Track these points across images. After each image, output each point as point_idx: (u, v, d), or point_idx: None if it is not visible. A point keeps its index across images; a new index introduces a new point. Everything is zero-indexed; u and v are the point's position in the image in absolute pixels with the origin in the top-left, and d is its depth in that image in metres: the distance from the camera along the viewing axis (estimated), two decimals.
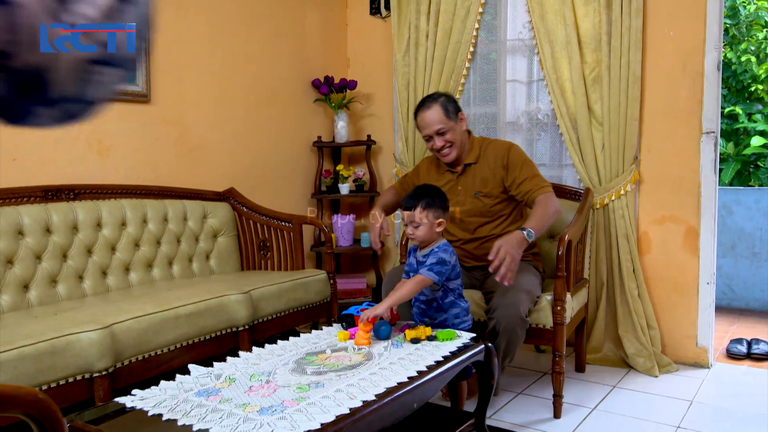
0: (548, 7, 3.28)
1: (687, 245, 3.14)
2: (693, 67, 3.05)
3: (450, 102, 2.67)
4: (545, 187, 2.58)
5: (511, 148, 2.69)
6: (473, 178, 2.70)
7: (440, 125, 2.62)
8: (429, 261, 2.17)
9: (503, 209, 2.69)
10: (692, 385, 2.91)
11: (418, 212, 2.18)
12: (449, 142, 2.64)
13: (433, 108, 2.63)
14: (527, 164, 2.64)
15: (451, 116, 2.64)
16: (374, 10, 4.06)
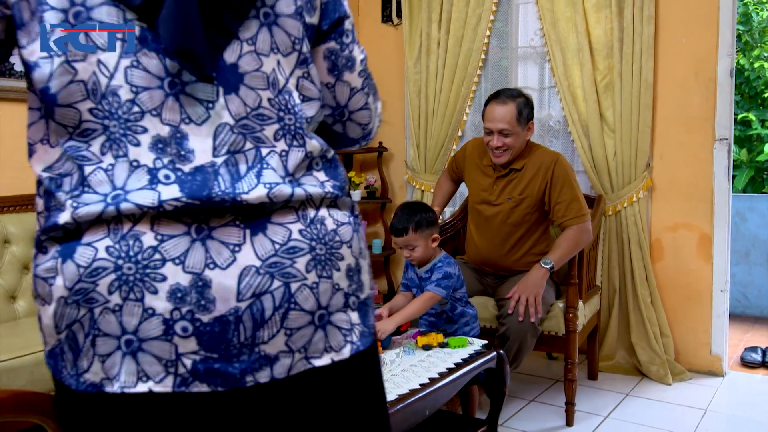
0: (560, 15, 3.29)
1: (700, 252, 3.12)
2: (706, 73, 3.04)
3: (527, 106, 2.56)
4: (581, 216, 2.52)
5: (557, 162, 2.57)
6: (513, 183, 2.62)
7: (506, 126, 2.50)
8: (435, 276, 2.17)
9: (530, 220, 2.62)
10: (706, 394, 2.89)
11: (411, 236, 2.17)
12: (507, 147, 2.54)
13: (508, 106, 2.52)
14: (568, 184, 2.54)
15: (522, 122, 2.53)
16: (386, 17, 4.08)
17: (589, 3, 3.19)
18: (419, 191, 3.85)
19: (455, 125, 3.68)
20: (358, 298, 0.86)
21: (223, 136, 0.77)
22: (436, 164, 3.76)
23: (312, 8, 0.87)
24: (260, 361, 0.76)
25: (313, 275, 0.79)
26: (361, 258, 0.87)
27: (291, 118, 0.82)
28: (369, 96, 0.99)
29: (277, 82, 0.82)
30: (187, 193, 0.73)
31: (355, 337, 0.84)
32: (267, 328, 0.76)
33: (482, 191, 2.69)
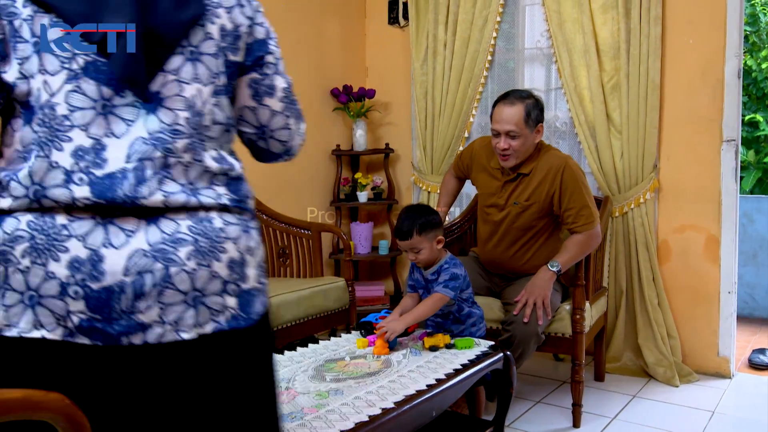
0: (566, 16, 3.29)
1: (708, 254, 3.11)
2: (713, 74, 3.04)
3: (536, 108, 2.50)
4: (590, 223, 2.49)
5: (565, 167, 2.52)
6: (520, 188, 2.58)
7: (514, 128, 2.45)
8: (442, 278, 2.17)
9: (537, 225, 2.60)
10: (714, 396, 2.88)
11: (416, 239, 2.18)
12: (514, 150, 2.48)
13: (516, 107, 2.46)
14: (578, 191, 2.50)
15: (530, 124, 2.47)
16: (392, 19, 4.09)
17: (596, 4, 3.19)
18: (426, 192, 3.86)
19: (462, 127, 3.69)
20: (239, 287, 1.00)
21: (137, 146, 0.94)
22: (442, 165, 3.76)
23: (236, 49, 1.06)
24: (135, 326, 0.92)
25: (193, 263, 0.94)
26: (249, 255, 1.02)
27: (198, 137, 0.99)
28: (289, 118, 1.14)
29: (194, 105, 0.99)
30: (96, 194, 0.90)
31: (223, 318, 0.97)
32: (144, 300, 0.91)
33: (490, 195, 2.68)
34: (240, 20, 1.07)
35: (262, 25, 1.11)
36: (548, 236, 2.66)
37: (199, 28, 1.00)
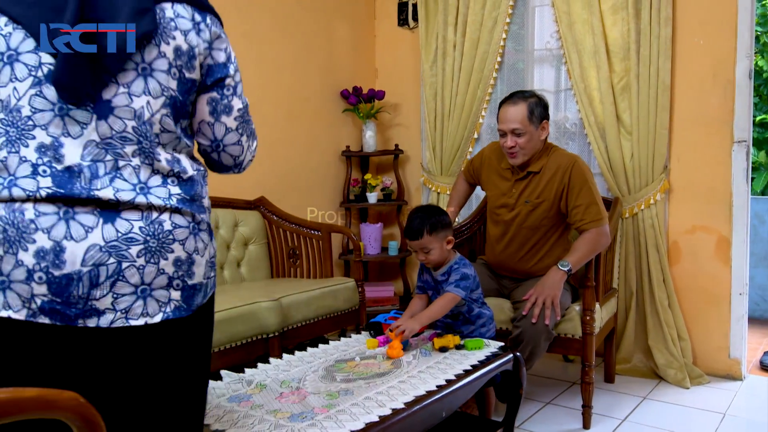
0: (576, 17, 3.29)
1: (718, 255, 3.10)
2: (724, 75, 3.03)
3: (539, 107, 2.55)
4: (599, 220, 2.51)
5: (574, 165, 2.56)
6: (530, 187, 2.62)
7: (518, 125, 2.51)
8: (453, 278, 2.18)
9: (547, 224, 2.62)
10: (725, 398, 2.87)
11: (426, 239, 2.18)
12: (520, 147, 2.54)
13: (519, 106, 2.53)
14: (586, 188, 2.53)
15: (534, 121, 2.52)
16: (402, 21, 4.10)
17: (606, 5, 3.19)
18: (435, 193, 3.87)
19: (471, 128, 3.69)
20: (185, 282, 1.14)
21: (90, 148, 1.08)
22: (452, 166, 3.77)
23: (192, 67, 1.17)
24: (90, 311, 1.06)
25: (142, 260, 1.08)
26: (196, 254, 1.16)
27: (147, 143, 1.12)
28: (242, 136, 1.28)
29: (142, 116, 1.11)
30: (56, 185, 1.04)
31: (169, 309, 1.13)
32: (99, 289, 1.06)
33: (501, 195, 2.70)
34: (196, 42, 1.18)
35: (223, 50, 1.23)
36: (558, 237, 2.67)
37: (153, 47, 1.12)
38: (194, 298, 1.17)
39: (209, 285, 1.21)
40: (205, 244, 1.19)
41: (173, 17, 1.15)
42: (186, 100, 1.19)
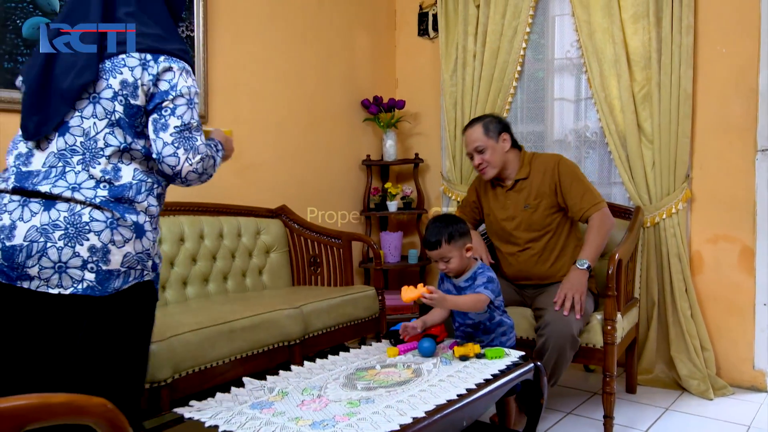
0: (596, 26, 3.28)
1: (742, 265, 3.07)
2: (747, 83, 3.00)
3: (494, 122, 2.76)
4: (597, 204, 2.63)
5: (560, 162, 2.74)
6: (524, 192, 2.75)
7: (479, 143, 2.73)
8: (479, 281, 2.18)
9: (552, 223, 2.71)
10: (749, 410, 2.84)
11: (445, 248, 2.19)
12: (486, 162, 2.73)
13: (475, 127, 2.76)
14: (577, 179, 2.68)
15: (491, 135, 2.73)
16: (422, 31, 4.13)
17: (627, 14, 3.18)
18: (455, 202, 3.87)
19: None
20: (99, 267, 1.44)
21: (49, 158, 1.48)
22: (471, 175, 3.77)
23: (135, 95, 1.50)
24: (24, 276, 1.42)
25: (61, 243, 1.41)
26: (112, 245, 1.45)
27: (89, 155, 1.47)
28: (179, 149, 1.51)
29: (89, 133, 1.48)
30: (17, 181, 1.46)
31: (81, 286, 1.43)
32: (31, 260, 1.40)
33: (501, 209, 2.81)
34: (140, 75, 1.50)
35: (168, 81, 1.52)
36: (568, 234, 2.75)
37: (102, 81, 1.49)
38: (109, 282, 1.46)
39: (131, 274, 1.49)
40: (125, 239, 1.46)
41: (124, 58, 1.50)
42: (133, 121, 1.51)
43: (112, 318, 1.49)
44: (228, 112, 3.25)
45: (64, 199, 1.43)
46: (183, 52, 1.57)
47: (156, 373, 2.11)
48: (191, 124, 1.54)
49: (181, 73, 1.54)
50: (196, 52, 3.05)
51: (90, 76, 1.47)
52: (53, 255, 1.40)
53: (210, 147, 1.62)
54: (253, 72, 3.37)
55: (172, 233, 2.86)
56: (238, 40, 3.29)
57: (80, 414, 0.96)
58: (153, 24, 1.55)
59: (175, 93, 1.52)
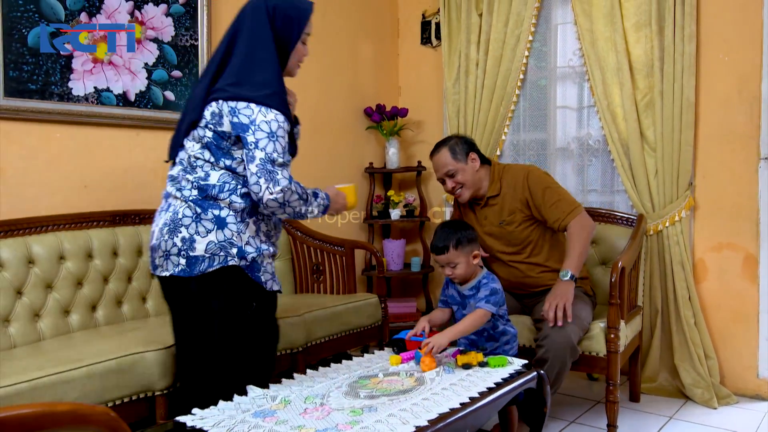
0: (599, 35, 3.29)
1: (746, 273, 3.06)
2: (750, 91, 3.01)
3: (460, 144, 2.71)
4: (573, 211, 2.59)
5: (528, 175, 2.69)
6: (497, 208, 2.73)
7: (448, 167, 2.69)
8: (482, 293, 2.18)
9: (531, 235, 2.69)
10: (753, 419, 2.82)
11: (452, 253, 2.19)
12: (459, 184, 2.70)
13: (441, 151, 2.71)
14: (548, 189, 2.64)
15: (459, 157, 2.68)
16: (425, 40, 4.15)
17: (629, 22, 3.19)
18: None
19: (494, 145, 3.70)
20: (188, 253, 1.84)
21: (174, 170, 1.95)
22: None
23: (220, 123, 1.86)
24: (156, 266, 1.92)
25: (166, 236, 1.87)
26: (197, 235, 1.84)
27: (190, 167, 1.91)
28: (260, 179, 1.82)
29: (189, 152, 1.91)
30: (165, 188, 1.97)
31: (177, 269, 1.86)
32: (155, 253, 1.91)
33: (479, 226, 2.76)
34: (223, 108, 1.85)
35: (248, 116, 1.83)
36: (550, 242, 2.72)
37: (202, 113, 1.89)
38: (195, 266, 1.84)
39: (215, 260, 1.84)
40: (207, 230, 1.84)
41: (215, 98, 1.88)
42: (220, 143, 1.87)
43: (204, 295, 1.88)
44: None
45: (174, 198, 1.90)
46: (266, 97, 1.84)
47: (156, 382, 2.12)
48: (273, 157, 1.81)
49: (260, 109, 1.82)
50: (200, 62, 3.06)
51: (195, 116, 1.89)
52: (164, 246, 1.86)
53: (299, 186, 1.91)
54: None
55: None
56: None
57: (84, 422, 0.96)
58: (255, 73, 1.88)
59: (255, 128, 1.81)
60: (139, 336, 2.28)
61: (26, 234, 2.42)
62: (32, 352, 2.15)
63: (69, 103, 2.60)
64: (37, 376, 1.88)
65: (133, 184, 2.86)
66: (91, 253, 2.57)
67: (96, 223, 2.64)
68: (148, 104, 2.88)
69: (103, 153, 2.75)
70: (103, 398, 1.99)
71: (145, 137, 2.89)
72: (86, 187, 2.70)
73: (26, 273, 2.37)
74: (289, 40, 1.98)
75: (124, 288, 2.66)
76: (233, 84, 1.85)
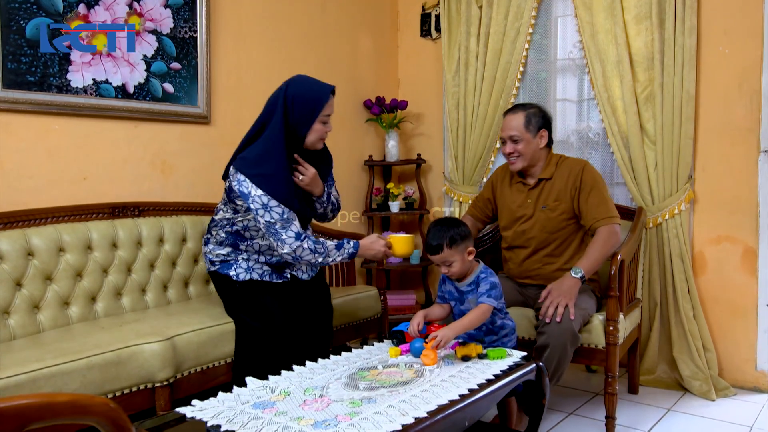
0: (599, 27, 3.28)
1: (745, 266, 3.06)
2: (750, 84, 3.00)
3: (537, 116, 2.69)
4: (610, 218, 2.57)
5: (585, 168, 2.68)
6: (545, 192, 2.71)
7: (516, 132, 2.67)
8: (482, 288, 2.18)
9: (567, 227, 2.68)
10: (751, 411, 2.83)
11: (447, 252, 2.19)
12: (518, 152, 2.68)
13: (517, 115, 2.70)
14: (597, 188, 2.63)
15: (531, 129, 2.66)
16: (425, 32, 4.13)
17: (629, 15, 3.18)
18: (457, 202, 3.87)
19: (493, 137, 3.70)
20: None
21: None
22: (474, 176, 3.78)
23: (232, 192, 2.34)
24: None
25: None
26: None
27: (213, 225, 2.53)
28: (270, 238, 2.32)
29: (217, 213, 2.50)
30: None
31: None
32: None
33: (518, 207, 2.76)
34: (231, 182, 2.34)
35: (245, 189, 2.27)
36: (579, 243, 2.71)
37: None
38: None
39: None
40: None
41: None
42: (237, 207, 2.38)
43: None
44: (231, 113, 3.25)
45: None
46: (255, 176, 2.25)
47: (157, 373, 2.12)
48: (273, 222, 2.26)
49: (250, 185, 2.26)
50: (199, 54, 3.05)
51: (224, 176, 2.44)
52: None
53: (311, 240, 2.31)
54: (256, 73, 3.37)
55: (174, 233, 2.86)
56: (240, 42, 3.29)
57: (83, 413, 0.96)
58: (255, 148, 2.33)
59: (251, 199, 2.25)
60: (138, 328, 2.28)
61: (25, 226, 2.42)
62: (32, 344, 2.15)
63: (67, 95, 2.60)
64: (37, 367, 1.88)
65: (132, 177, 2.86)
66: (90, 245, 2.57)
67: (95, 215, 2.64)
68: (147, 96, 2.87)
69: (101, 145, 2.75)
70: (103, 389, 2.00)
71: (144, 129, 2.89)
72: (85, 179, 2.69)
73: (25, 265, 2.37)
74: (305, 125, 2.36)
75: (123, 280, 2.66)
76: (242, 159, 2.31)
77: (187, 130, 3.06)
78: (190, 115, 3.05)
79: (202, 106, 3.09)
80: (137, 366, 2.09)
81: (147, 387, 2.12)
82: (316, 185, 2.50)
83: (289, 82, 2.38)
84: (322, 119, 2.39)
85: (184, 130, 3.05)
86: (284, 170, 2.30)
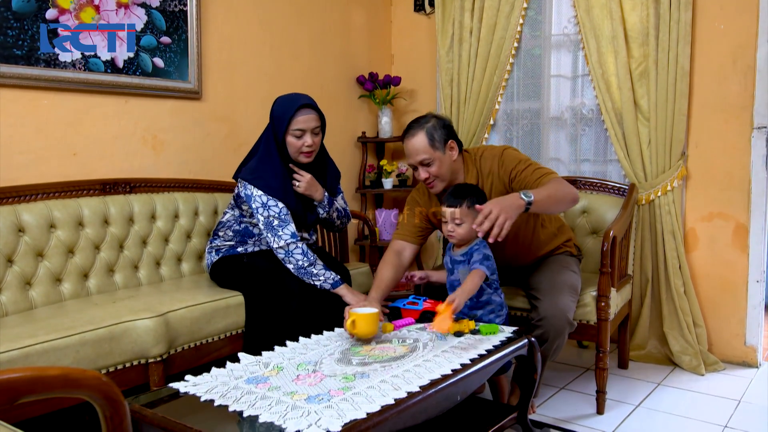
0: (594, 2, 3.25)
1: (736, 242, 3.08)
2: (744, 61, 2.99)
3: (438, 128, 2.37)
4: (550, 173, 2.33)
5: (503, 152, 2.44)
6: None
7: (424, 155, 2.35)
8: (476, 257, 2.18)
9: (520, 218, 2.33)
10: (740, 385, 2.87)
11: (463, 210, 2.18)
12: (434, 176, 2.37)
13: (418, 135, 2.36)
14: (522, 161, 2.39)
15: (437, 145, 2.35)
16: (418, 7, 4.09)
17: None
18: None
19: (487, 114, 3.68)
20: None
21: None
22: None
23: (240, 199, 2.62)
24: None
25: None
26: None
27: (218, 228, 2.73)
28: (267, 234, 2.50)
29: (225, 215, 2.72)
30: None
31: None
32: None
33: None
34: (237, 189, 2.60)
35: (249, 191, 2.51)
36: (535, 222, 2.55)
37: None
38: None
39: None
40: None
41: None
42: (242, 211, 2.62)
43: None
44: (222, 88, 3.22)
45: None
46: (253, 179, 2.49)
47: (150, 349, 2.13)
48: (270, 218, 2.46)
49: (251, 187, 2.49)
50: (189, 28, 3.01)
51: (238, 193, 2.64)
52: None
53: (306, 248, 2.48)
54: (248, 48, 3.33)
55: (166, 210, 2.85)
56: (232, 15, 3.24)
57: (75, 387, 0.96)
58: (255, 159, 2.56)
59: (252, 200, 2.49)
60: (131, 304, 2.28)
61: (15, 202, 2.40)
62: (24, 320, 2.14)
63: (56, 69, 2.56)
64: (30, 343, 1.88)
65: (123, 153, 2.83)
66: (81, 221, 2.55)
67: (86, 192, 2.62)
68: (137, 71, 2.83)
69: (91, 120, 2.72)
70: (96, 365, 2.00)
71: (134, 105, 2.86)
72: (75, 155, 2.66)
73: (16, 241, 2.35)
74: (281, 137, 2.49)
75: (115, 257, 2.65)
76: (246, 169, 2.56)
77: (178, 105, 3.03)
78: (181, 90, 3.01)
79: (193, 82, 3.05)
80: (130, 342, 2.09)
81: (140, 363, 2.13)
82: (315, 190, 2.61)
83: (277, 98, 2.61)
84: (293, 133, 2.48)
85: (175, 105, 3.02)
86: (280, 175, 2.50)
